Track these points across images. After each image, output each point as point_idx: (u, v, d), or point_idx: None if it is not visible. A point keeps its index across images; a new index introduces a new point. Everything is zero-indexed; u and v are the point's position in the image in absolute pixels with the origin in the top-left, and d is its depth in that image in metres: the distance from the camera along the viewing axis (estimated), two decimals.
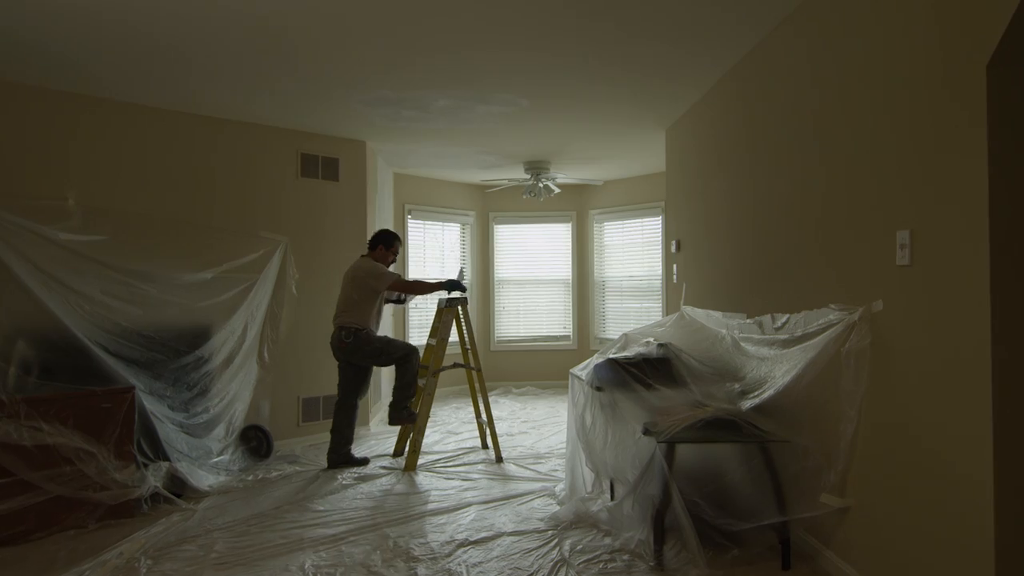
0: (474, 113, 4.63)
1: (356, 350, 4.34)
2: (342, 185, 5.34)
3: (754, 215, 3.55)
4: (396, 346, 4.43)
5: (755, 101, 3.52)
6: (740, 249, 3.75)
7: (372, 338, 4.37)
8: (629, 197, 7.41)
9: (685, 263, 4.86)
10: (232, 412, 4.45)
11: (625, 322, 7.51)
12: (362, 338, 4.32)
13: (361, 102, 4.35)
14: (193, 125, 4.54)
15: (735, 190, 3.81)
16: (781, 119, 3.18)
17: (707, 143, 4.35)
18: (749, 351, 3.29)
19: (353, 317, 4.33)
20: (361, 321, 4.33)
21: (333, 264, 5.24)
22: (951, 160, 1.99)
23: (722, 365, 3.46)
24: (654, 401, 3.16)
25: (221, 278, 4.46)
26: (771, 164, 3.30)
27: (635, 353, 3.50)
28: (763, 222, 3.42)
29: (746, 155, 3.64)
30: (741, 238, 3.74)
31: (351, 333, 4.30)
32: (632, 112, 4.74)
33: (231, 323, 4.48)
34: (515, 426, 5.68)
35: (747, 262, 3.64)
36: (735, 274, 3.84)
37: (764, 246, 3.40)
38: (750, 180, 3.59)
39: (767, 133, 3.35)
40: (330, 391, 5.20)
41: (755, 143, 3.52)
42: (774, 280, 3.27)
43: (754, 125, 3.53)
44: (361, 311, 4.35)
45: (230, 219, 4.70)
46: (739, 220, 3.77)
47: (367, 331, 4.35)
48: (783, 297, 3.16)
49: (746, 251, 3.66)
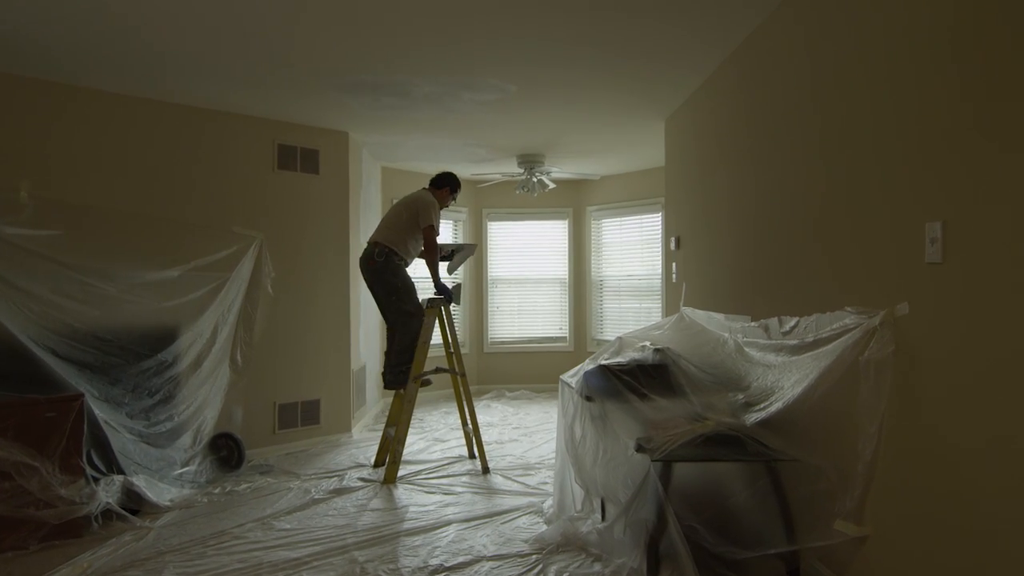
0: (460, 101, 4.33)
1: (381, 272, 4.16)
2: (323, 178, 5.05)
3: (758, 209, 3.25)
4: (412, 298, 4.24)
5: (757, 86, 3.22)
6: (743, 246, 3.46)
7: (400, 271, 4.19)
8: (628, 193, 7.11)
9: (685, 261, 4.57)
10: (200, 419, 4.17)
11: (623, 323, 7.22)
12: (393, 263, 4.15)
13: (338, 88, 4.06)
14: (159, 112, 4.25)
15: (737, 182, 3.52)
16: (786, 104, 2.89)
17: (707, 133, 4.06)
18: (754, 357, 3.00)
19: (393, 236, 4.18)
20: (399, 244, 4.16)
21: (313, 262, 4.96)
22: (990, 142, 1.70)
23: (724, 373, 3.17)
24: (649, 413, 2.87)
25: (189, 276, 4.17)
26: (776, 153, 3.01)
27: (629, 359, 3.21)
28: (768, 216, 3.13)
29: (749, 144, 3.34)
30: (744, 234, 3.45)
31: (384, 252, 4.13)
32: (630, 101, 4.44)
33: (199, 324, 4.19)
34: (506, 433, 5.39)
35: (751, 260, 3.35)
36: (738, 273, 3.55)
37: (770, 242, 3.11)
38: (753, 171, 3.30)
39: (771, 120, 3.05)
40: (309, 396, 4.92)
41: (758, 131, 3.22)
42: (782, 280, 2.98)
43: (757, 112, 3.23)
44: (403, 234, 4.19)
45: (200, 213, 4.41)
46: (742, 214, 3.47)
47: (400, 259, 4.17)
48: (792, 298, 2.87)
49: (750, 248, 3.37)
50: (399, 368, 4.23)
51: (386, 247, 4.15)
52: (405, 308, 4.22)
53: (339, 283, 5.13)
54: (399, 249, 4.17)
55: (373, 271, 4.20)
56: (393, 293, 4.21)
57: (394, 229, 4.22)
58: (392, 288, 4.19)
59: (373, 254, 4.17)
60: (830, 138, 2.53)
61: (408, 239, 4.21)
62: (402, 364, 4.21)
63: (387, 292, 4.22)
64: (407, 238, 4.21)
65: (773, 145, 3.06)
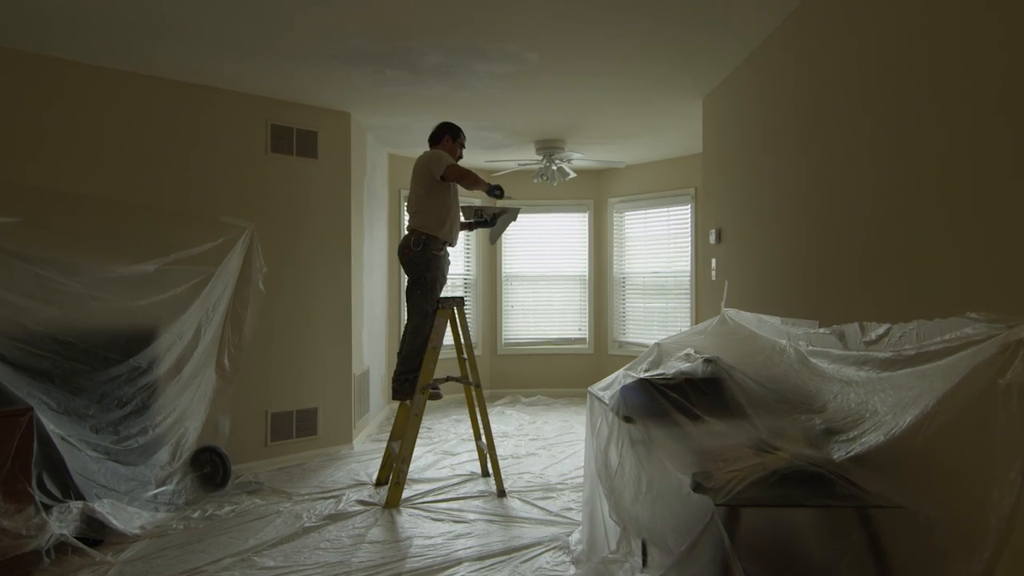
0: (472, 73, 3.83)
1: (414, 261, 3.72)
2: (321, 163, 4.56)
3: (825, 197, 2.72)
4: (433, 298, 3.77)
5: (818, 54, 2.69)
6: (806, 239, 2.94)
7: (435, 263, 3.72)
8: (654, 183, 6.58)
9: (727, 257, 4.05)
10: (181, 432, 3.71)
11: (648, 324, 6.70)
12: (430, 252, 3.70)
13: (337, 57, 3.57)
14: (135, 86, 3.78)
15: (793, 167, 2.99)
16: (861, 72, 2.36)
17: (753, 112, 3.54)
18: (825, 371, 2.48)
19: (423, 220, 3.72)
20: (433, 226, 3.70)
21: (310, 256, 4.48)
22: None
23: (788, 389, 2.65)
24: (703, 439, 2.36)
25: (168, 271, 3.70)
26: (846, 132, 2.48)
27: (675, 371, 2.69)
28: (840, 205, 2.60)
29: (807, 123, 2.81)
30: (807, 224, 2.92)
31: (421, 240, 3.68)
32: (665, 75, 3.92)
33: (179, 325, 3.72)
34: (522, 445, 4.89)
35: (818, 254, 2.82)
36: (799, 270, 3.03)
37: (844, 233, 2.58)
38: (816, 154, 2.77)
39: (838, 93, 2.52)
40: (305, 404, 4.44)
41: (819, 107, 2.69)
42: (866, 278, 2.45)
43: (817, 84, 2.70)
44: (430, 210, 3.72)
45: (182, 200, 3.94)
46: (802, 203, 2.94)
47: (440, 246, 3.75)
48: (880, 300, 2.35)
49: (816, 240, 2.84)
50: (405, 376, 3.74)
51: (422, 233, 3.69)
52: (423, 307, 3.75)
53: (340, 279, 4.65)
54: (437, 231, 3.70)
55: (408, 260, 3.75)
56: (418, 286, 3.74)
57: (420, 211, 3.74)
58: (420, 279, 3.73)
59: (410, 242, 3.72)
60: (926, 101, 1.99)
61: (438, 213, 3.71)
62: (409, 372, 3.73)
63: (413, 282, 3.77)
64: (438, 212, 3.72)
65: (842, 122, 2.53)
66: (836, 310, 2.64)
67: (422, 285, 3.73)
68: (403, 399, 3.81)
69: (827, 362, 2.51)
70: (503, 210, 4.14)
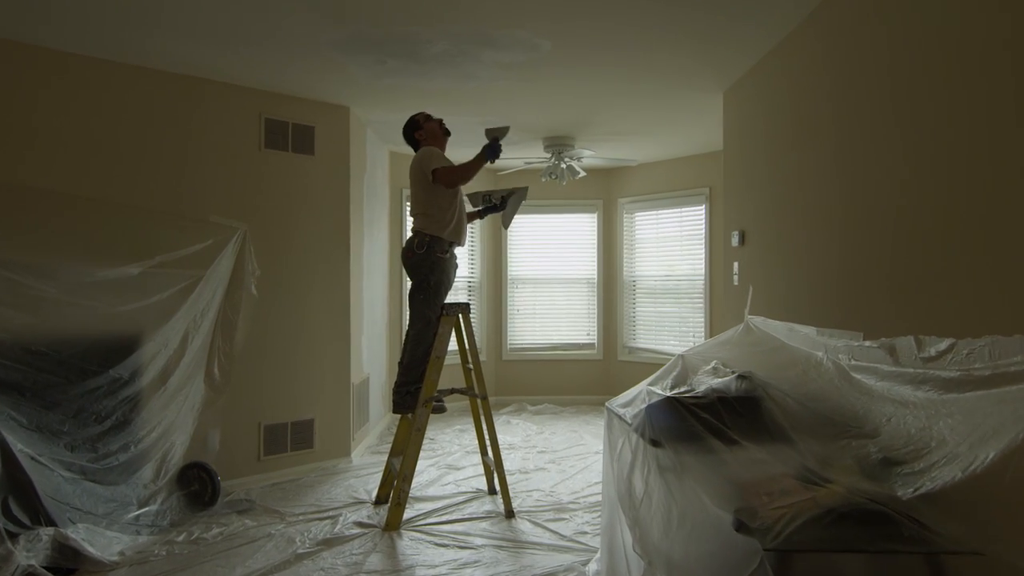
0: (479, 63, 3.57)
1: (417, 265, 3.48)
2: (319, 160, 4.31)
3: (871, 195, 2.46)
4: (437, 303, 3.52)
5: (863, 37, 2.43)
6: (844, 242, 2.68)
7: (439, 267, 3.48)
8: (667, 182, 6.32)
9: (751, 260, 3.79)
10: (166, 447, 3.47)
11: (659, 328, 6.44)
12: (434, 255, 3.45)
13: (335, 46, 3.32)
14: (117, 76, 3.53)
15: (831, 163, 2.73)
16: (913, 63, 2.10)
17: (781, 106, 3.29)
18: (873, 388, 2.23)
19: (426, 221, 3.48)
20: (436, 226, 3.46)
21: (307, 258, 4.23)
22: None
23: (831, 408, 2.39)
24: (742, 468, 2.10)
25: (153, 274, 3.45)
26: (899, 119, 2.22)
27: (705, 389, 2.44)
28: (887, 204, 2.34)
29: (845, 117, 2.55)
30: (846, 226, 2.66)
31: (424, 242, 3.44)
32: (685, 65, 3.66)
33: (165, 332, 3.47)
34: (530, 458, 4.63)
35: (858, 260, 2.57)
36: (834, 276, 2.77)
37: (893, 237, 2.33)
38: (859, 148, 2.51)
39: (883, 85, 2.26)
40: (301, 415, 4.19)
41: (860, 100, 2.43)
42: (920, 286, 2.19)
43: (857, 76, 2.44)
44: (432, 210, 3.47)
45: (169, 199, 3.69)
46: (840, 203, 2.68)
47: (444, 248, 3.50)
48: (937, 311, 2.09)
49: (857, 244, 2.58)
50: (406, 388, 3.49)
51: (426, 235, 3.45)
52: (426, 313, 3.50)
53: (338, 282, 4.39)
54: (441, 232, 3.46)
55: (411, 264, 3.51)
56: (421, 290, 3.50)
57: (422, 212, 3.50)
58: (423, 284, 3.49)
59: (412, 245, 3.48)
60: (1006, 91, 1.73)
61: (442, 213, 3.46)
62: (410, 383, 3.48)
63: (416, 286, 3.53)
64: (440, 212, 3.46)
65: (889, 114, 2.27)
66: (886, 321, 2.38)
67: (425, 290, 3.48)
68: (404, 413, 3.56)
69: (875, 379, 2.26)
70: (511, 191, 3.88)
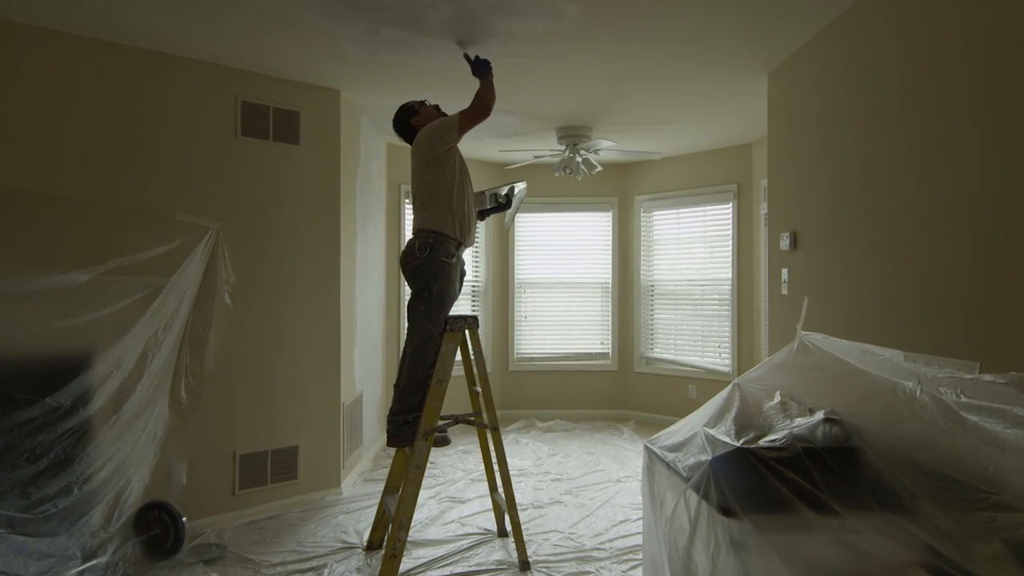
0: (491, 35, 3.05)
1: (419, 271, 2.90)
2: (305, 150, 3.78)
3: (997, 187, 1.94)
4: (441, 316, 2.94)
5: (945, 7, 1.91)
6: (945, 249, 2.16)
7: (443, 272, 2.89)
8: (689, 178, 5.79)
9: (804, 267, 3.26)
10: (120, 486, 2.94)
11: (679, 336, 5.91)
12: (438, 258, 2.87)
13: (318, 12, 2.79)
14: (71, 50, 3.00)
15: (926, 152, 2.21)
16: None
17: (842, 88, 2.78)
18: (1001, 437, 1.74)
19: (429, 213, 2.91)
20: (442, 221, 2.90)
21: (290, 261, 3.70)
22: None
23: (942, 459, 1.88)
24: (848, 551, 1.58)
25: (105, 282, 2.93)
26: None
27: (784, 436, 1.91)
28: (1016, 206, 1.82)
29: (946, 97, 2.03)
30: (943, 233, 2.14)
31: (427, 243, 2.87)
32: (727, 39, 3.14)
33: (119, 350, 2.94)
34: (544, 488, 4.11)
35: (978, 269, 2.05)
36: (935, 290, 2.25)
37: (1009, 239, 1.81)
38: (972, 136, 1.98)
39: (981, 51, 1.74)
40: (283, 442, 3.66)
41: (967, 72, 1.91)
42: None
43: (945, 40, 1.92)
44: (439, 201, 2.91)
45: (127, 193, 3.16)
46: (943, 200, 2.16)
47: (451, 250, 2.90)
48: None
49: (958, 255, 2.06)
50: (403, 417, 2.95)
51: (429, 233, 2.88)
52: (427, 327, 2.92)
53: (327, 289, 3.86)
54: (448, 228, 2.88)
55: (412, 270, 2.92)
56: (422, 300, 2.90)
57: (426, 203, 2.93)
58: (424, 292, 2.89)
59: (414, 248, 2.90)
60: None
61: (450, 205, 2.90)
62: (407, 412, 2.94)
63: (415, 296, 2.93)
64: (448, 204, 2.90)
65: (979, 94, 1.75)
66: (1004, 350, 1.87)
67: (426, 300, 2.91)
68: (400, 447, 3.03)
69: (1001, 424, 1.76)
70: (512, 187, 3.50)
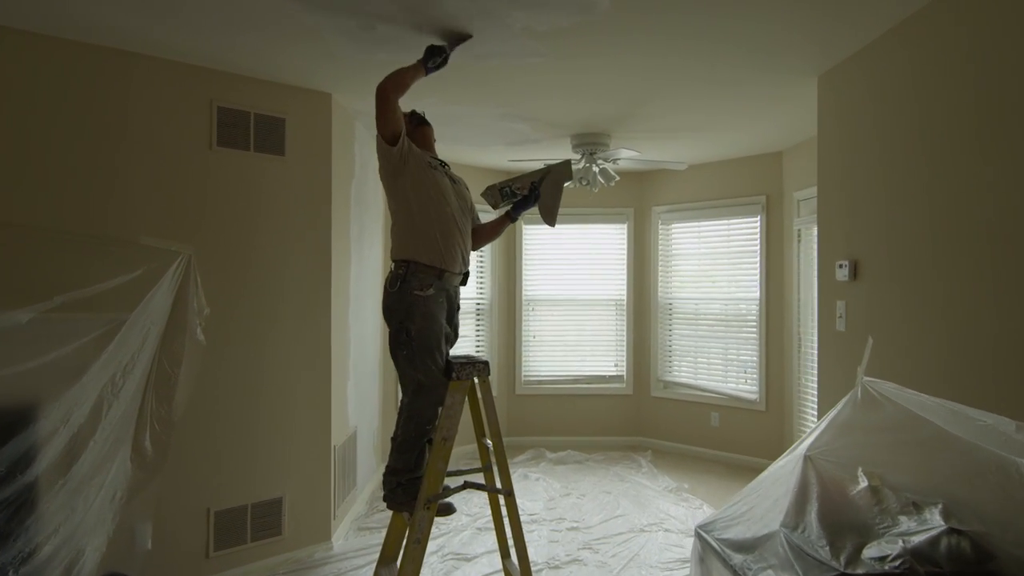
0: (505, 29, 2.61)
1: (390, 309, 2.44)
2: (291, 163, 3.34)
3: None
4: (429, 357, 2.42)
5: None
6: None
7: (418, 306, 2.38)
8: (712, 189, 5.36)
9: (869, 302, 2.82)
10: (70, 559, 2.50)
11: (699, 359, 5.47)
12: (409, 291, 2.38)
13: (305, 2, 2.36)
14: (18, 47, 2.57)
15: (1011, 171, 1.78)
16: None
17: (923, 94, 2.34)
18: None
19: (399, 240, 2.45)
20: (416, 247, 2.41)
21: (273, 289, 3.26)
22: None
23: None
24: None
25: (51, 321, 2.49)
26: None
27: (899, 551, 1.47)
28: None
29: None
30: None
31: (398, 275, 2.41)
32: (778, 36, 2.71)
33: (67, 401, 2.50)
34: (559, 539, 3.66)
35: None
36: None
37: None
38: None
39: None
40: (265, 494, 3.23)
41: None
42: None
43: None
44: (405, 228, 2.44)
45: (84, 215, 2.73)
46: None
47: (424, 277, 2.39)
48: None
49: None
50: (396, 478, 2.50)
51: (400, 263, 2.42)
52: (413, 376, 2.45)
53: (316, 319, 3.43)
54: (420, 255, 2.39)
55: (383, 309, 2.48)
56: (401, 343, 2.42)
57: (392, 229, 2.49)
58: (401, 334, 2.41)
59: (387, 282, 2.47)
60: None
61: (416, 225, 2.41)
62: (400, 472, 2.49)
63: (392, 339, 2.45)
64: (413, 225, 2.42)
65: None
66: None
67: (406, 343, 2.41)
68: (397, 511, 2.58)
69: None
70: (544, 172, 2.69)
